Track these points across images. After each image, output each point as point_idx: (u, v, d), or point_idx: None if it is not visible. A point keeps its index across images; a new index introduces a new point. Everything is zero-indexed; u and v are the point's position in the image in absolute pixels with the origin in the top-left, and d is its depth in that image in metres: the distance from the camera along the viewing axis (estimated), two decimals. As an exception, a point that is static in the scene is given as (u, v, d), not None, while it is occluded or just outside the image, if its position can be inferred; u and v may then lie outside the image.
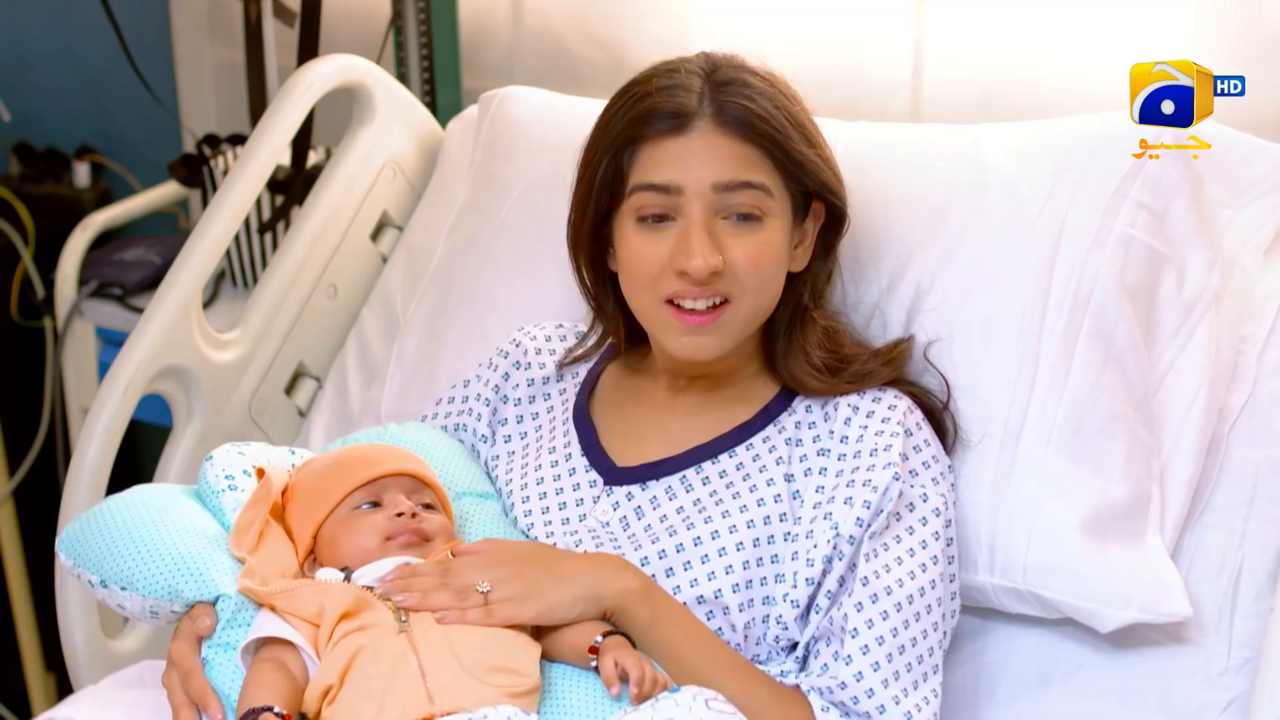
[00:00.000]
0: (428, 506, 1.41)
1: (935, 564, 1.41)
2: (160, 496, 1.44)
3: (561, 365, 1.62)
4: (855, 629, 1.37)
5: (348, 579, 1.33)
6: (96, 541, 1.38)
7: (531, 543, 1.46)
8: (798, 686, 1.39)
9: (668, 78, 1.44)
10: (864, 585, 1.38)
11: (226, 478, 1.46)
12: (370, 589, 1.32)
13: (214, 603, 1.34)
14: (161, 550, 1.36)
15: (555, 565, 1.37)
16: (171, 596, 1.35)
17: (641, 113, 1.43)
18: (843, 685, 1.36)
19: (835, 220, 1.51)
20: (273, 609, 1.31)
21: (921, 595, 1.39)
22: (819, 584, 1.40)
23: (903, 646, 1.37)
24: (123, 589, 1.36)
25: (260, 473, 1.44)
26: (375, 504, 1.39)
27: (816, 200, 1.48)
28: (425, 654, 1.25)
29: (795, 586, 1.41)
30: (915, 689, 1.37)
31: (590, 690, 1.30)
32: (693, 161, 1.41)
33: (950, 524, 1.45)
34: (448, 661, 1.24)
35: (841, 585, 1.40)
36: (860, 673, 1.35)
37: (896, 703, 1.35)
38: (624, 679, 1.27)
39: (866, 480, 1.41)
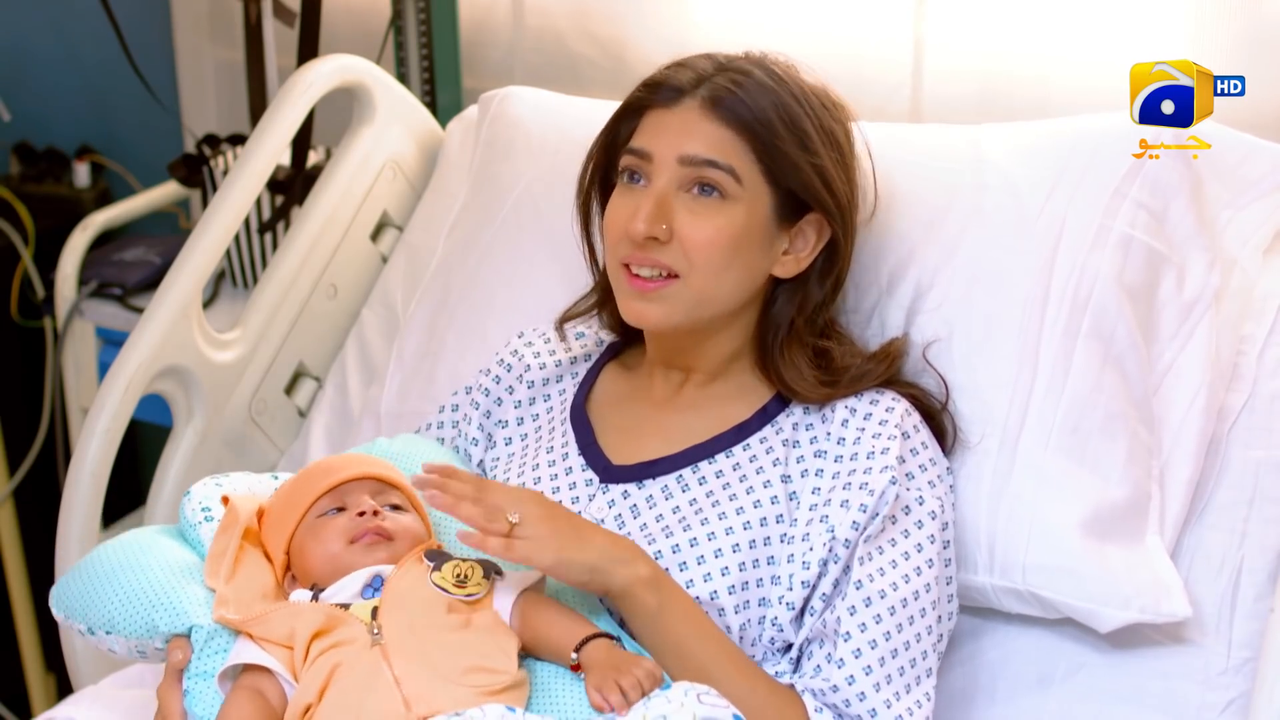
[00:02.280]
0: (395, 508, 1.41)
1: (930, 567, 1.41)
2: (140, 539, 1.45)
3: (560, 324, 1.62)
4: (848, 632, 1.36)
5: (315, 598, 1.34)
6: (80, 591, 1.40)
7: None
8: (793, 686, 1.39)
9: (689, 58, 1.48)
10: (858, 589, 1.38)
11: (203, 509, 1.48)
12: (343, 606, 1.32)
13: (188, 634, 1.34)
14: (136, 590, 1.37)
15: (582, 529, 1.37)
16: (150, 633, 1.35)
17: (648, 83, 1.48)
18: (835, 688, 1.36)
19: (837, 239, 1.48)
20: (249, 636, 1.32)
21: (916, 599, 1.39)
22: (814, 586, 1.40)
23: (896, 650, 1.37)
24: (107, 633, 1.37)
25: (225, 500, 1.45)
26: (340, 509, 1.39)
27: (817, 211, 1.47)
28: (399, 663, 1.25)
29: (790, 589, 1.41)
30: (908, 692, 1.37)
31: (582, 687, 1.30)
32: (669, 132, 1.44)
33: (947, 526, 1.45)
34: (421, 668, 1.25)
35: (836, 588, 1.40)
36: (852, 676, 1.35)
37: (888, 706, 1.35)
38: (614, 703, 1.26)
39: (863, 483, 1.41)
